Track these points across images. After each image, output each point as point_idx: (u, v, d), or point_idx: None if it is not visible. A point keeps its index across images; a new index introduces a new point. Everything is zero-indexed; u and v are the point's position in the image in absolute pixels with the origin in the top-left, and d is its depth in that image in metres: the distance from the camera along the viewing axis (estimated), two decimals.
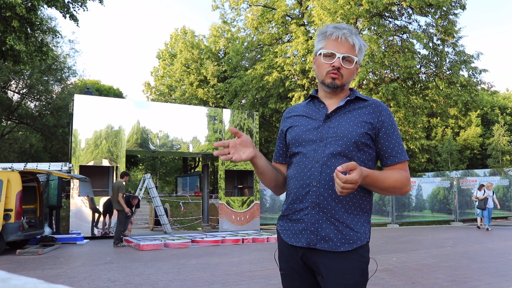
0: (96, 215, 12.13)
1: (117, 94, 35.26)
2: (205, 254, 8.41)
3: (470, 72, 19.38)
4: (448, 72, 19.48)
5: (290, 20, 23.33)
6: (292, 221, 1.66)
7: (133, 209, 11.59)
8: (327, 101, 1.71)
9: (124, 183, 10.28)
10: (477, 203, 14.22)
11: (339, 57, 1.61)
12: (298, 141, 1.68)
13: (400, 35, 19.88)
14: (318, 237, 1.57)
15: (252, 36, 25.52)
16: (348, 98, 1.68)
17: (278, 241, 1.76)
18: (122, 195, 10.10)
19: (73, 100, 12.92)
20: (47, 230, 10.94)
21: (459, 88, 19.34)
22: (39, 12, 12.56)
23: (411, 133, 19.93)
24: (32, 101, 24.15)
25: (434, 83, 20.00)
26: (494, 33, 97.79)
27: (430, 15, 19.10)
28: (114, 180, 12.77)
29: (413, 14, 19.44)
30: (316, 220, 1.58)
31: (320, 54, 1.66)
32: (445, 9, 18.47)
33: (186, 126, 13.97)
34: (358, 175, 1.41)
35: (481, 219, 14.42)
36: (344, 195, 1.56)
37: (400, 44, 19.61)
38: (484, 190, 13.87)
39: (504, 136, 27.86)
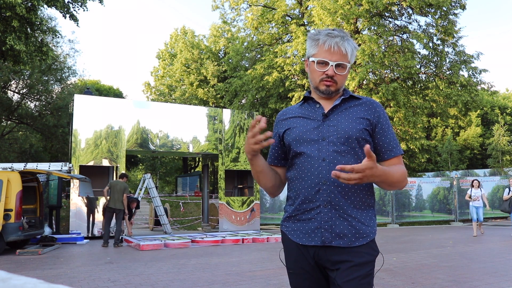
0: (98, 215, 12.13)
1: (117, 94, 35.27)
2: (205, 254, 8.41)
3: (470, 72, 19.37)
4: (448, 72, 19.48)
5: (290, 20, 23.34)
6: (301, 221, 1.67)
7: (133, 210, 11.65)
8: (322, 101, 1.74)
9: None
10: (471, 203, 11.77)
11: (332, 65, 1.65)
12: (300, 141, 1.69)
13: (400, 35, 19.87)
14: (333, 234, 1.60)
15: (252, 36, 25.53)
16: (343, 97, 1.72)
17: (284, 242, 1.77)
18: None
19: (73, 100, 12.93)
20: (47, 230, 10.94)
21: (459, 88, 19.34)
22: (39, 12, 12.56)
23: (411, 133, 19.92)
24: (32, 101, 24.15)
25: (434, 83, 19.99)
26: (494, 33, 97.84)
27: (430, 15, 19.10)
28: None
29: (413, 14, 19.44)
30: (329, 218, 1.61)
31: (313, 61, 1.68)
32: (445, 9, 18.46)
33: (186, 126, 13.97)
34: (364, 166, 1.43)
35: (479, 224, 11.69)
36: (352, 192, 1.63)
37: (400, 44, 19.61)
38: (509, 188, 11.48)
39: (504, 136, 27.86)
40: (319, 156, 1.63)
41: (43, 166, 12.30)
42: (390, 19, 19.89)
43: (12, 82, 22.51)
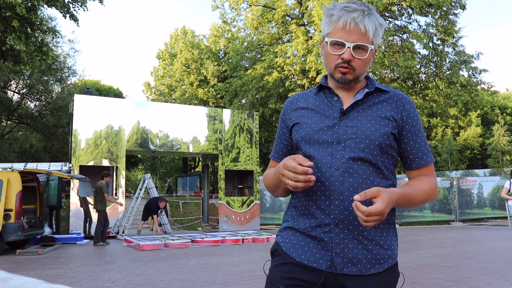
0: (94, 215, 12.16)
1: (117, 94, 35.29)
2: (205, 254, 8.41)
3: (470, 72, 19.39)
4: (448, 72, 19.49)
5: (290, 20, 23.34)
6: (305, 235, 1.38)
7: (159, 211, 12.02)
8: (340, 92, 1.43)
9: (105, 183, 10.39)
10: (510, 201, 9.09)
11: (349, 47, 1.33)
12: (309, 142, 1.39)
13: (400, 35, 19.88)
14: (344, 260, 1.32)
15: (252, 36, 25.53)
16: (367, 90, 1.41)
17: (274, 254, 1.47)
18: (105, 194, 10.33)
19: (73, 100, 12.94)
20: (47, 230, 10.95)
21: (459, 88, 19.35)
22: (39, 12, 12.55)
23: None
24: (32, 101, 24.17)
25: (434, 83, 20.01)
26: (494, 33, 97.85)
27: (430, 15, 19.11)
28: (115, 180, 12.80)
29: (413, 14, 19.45)
30: (341, 240, 1.32)
31: (327, 42, 1.37)
32: (445, 9, 18.48)
33: (186, 126, 13.97)
34: (384, 203, 1.19)
35: None
36: None
37: (400, 44, 19.62)
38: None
39: (504, 136, 27.88)
40: (332, 163, 1.34)
41: (43, 166, 12.30)
42: (390, 19, 19.89)
43: (12, 82, 22.52)
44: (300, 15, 23.63)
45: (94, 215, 12.08)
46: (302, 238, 1.39)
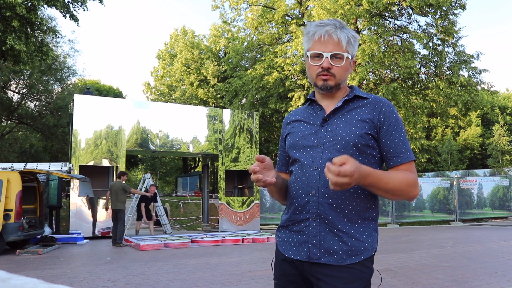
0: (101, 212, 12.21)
1: (117, 94, 35.29)
2: (205, 254, 8.41)
3: (470, 72, 19.39)
4: (448, 72, 19.49)
5: (290, 20, 23.35)
6: (292, 232, 1.56)
7: (153, 201, 12.20)
8: (324, 102, 1.60)
9: (124, 182, 10.34)
10: None
11: (327, 57, 1.50)
12: (296, 148, 1.59)
13: (400, 35, 19.89)
14: (321, 251, 1.46)
15: (252, 36, 25.55)
16: (346, 97, 1.56)
17: (276, 252, 1.67)
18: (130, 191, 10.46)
19: (73, 100, 12.93)
20: (47, 230, 10.95)
21: (459, 88, 19.36)
22: (39, 12, 12.56)
23: (411, 133, 19.93)
24: (32, 101, 24.17)
25: (434, 83, 20.01)
26: (494, 33, 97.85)
27: (430, 15, 19.12)
28: (114, 180, 12.79)
29: (413, 14, 19.46)
30: (318, 232, 1.47)
31: (308, 56, 1.56)
32: (445, 9, 18.48)
33: (186, 126, 13.97)
34: (352, 167, 1.25)
35: None
36: (346, 204, 1.47)
37: (400, 44, 19.62)
38: None
39: (504, 136, 27.87)
40: (311, 164, 1.51)
41: (43, 166, 12.30)
42: (390, 19, 19.90)
43: (12, 82, 22.52)
44: (300, 15, 23.64)
45: (98, 216, 12.12)
46: (290, 235, 1.57)
